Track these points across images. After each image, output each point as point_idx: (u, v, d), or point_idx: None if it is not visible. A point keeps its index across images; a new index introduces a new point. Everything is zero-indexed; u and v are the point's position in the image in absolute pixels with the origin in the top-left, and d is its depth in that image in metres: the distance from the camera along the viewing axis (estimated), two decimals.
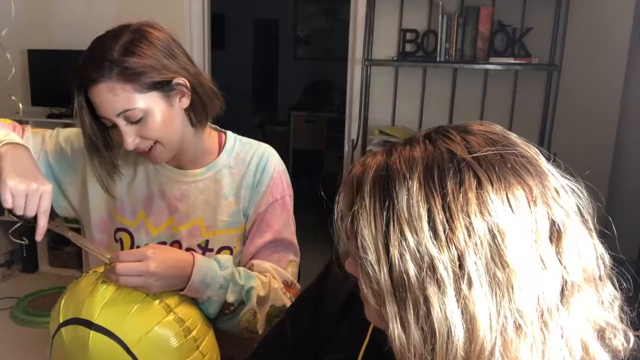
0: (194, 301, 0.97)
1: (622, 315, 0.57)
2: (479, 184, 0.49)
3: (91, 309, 0.87)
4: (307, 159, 5.62)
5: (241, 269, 1.05)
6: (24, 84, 3.45)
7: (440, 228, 0.48)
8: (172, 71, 1.02)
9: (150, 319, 0.88)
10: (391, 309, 0.50)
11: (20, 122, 1.19)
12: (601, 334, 0.54)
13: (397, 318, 0.50)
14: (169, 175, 1.14)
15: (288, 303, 1.07)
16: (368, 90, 2.94)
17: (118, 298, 0.89)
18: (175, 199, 1.13)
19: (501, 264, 0.47)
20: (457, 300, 0.48)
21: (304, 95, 6.03)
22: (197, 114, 1.08)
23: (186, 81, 1.03)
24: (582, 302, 0.51)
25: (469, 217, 0.48)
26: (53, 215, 1.01)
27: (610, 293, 0.56)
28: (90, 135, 1.05)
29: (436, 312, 0.48)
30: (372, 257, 0.51)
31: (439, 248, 0.48)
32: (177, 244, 1.13)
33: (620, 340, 0.55)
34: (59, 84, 3.47)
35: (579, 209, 0.55)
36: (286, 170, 1.20)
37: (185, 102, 1.05)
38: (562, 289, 0.50)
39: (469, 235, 0.48)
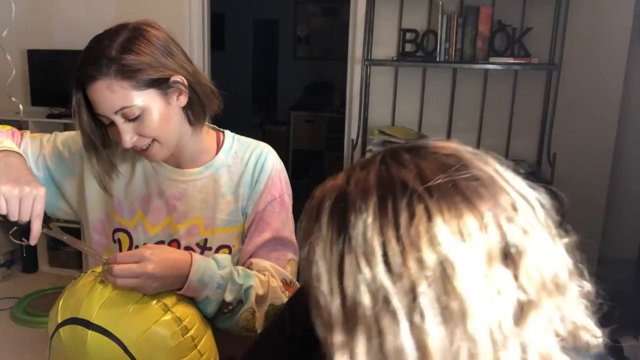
0: (192, 300, 0.97)
1: (592, 313, 0.58)
2: (430, 217, 0.50)
3: (89, 309, 0.88)
4: (307, 159, 5.62)
5: (240, 268, 1.05)
6: (24, 84, 3.45)
7: (393, 261, 0.49)
8: (170, 69, 1.02)
9: (147, 318, 0.89)
10: (339, 339, 0.51)
11: (20, 122, 1.20)
12: (574, 335, 0.55)
13: (346, 349, 0.51)
14: (168, 174, 1.14)
15: None
16: (368, 90, 2.94)
17: (116, 298, 0.89)
18: (173, 198, 1.13)
19: (453, 294, 0.48)
20: (411, 331, 0.49)
21: (304, 95, 6.03)
22: (194, 112, 1.08)
23: (184, 79, 1.03)
24: (541, 316, 0.51)
25: (420, 250, 0.49)
26: (47, 219, 1.01)
27: (580, 294, 0.57)
28: (88, 133, 1.05)
29: (389, 343, 0.49)
30: (325, 287, 0.52)
31: (392, 281, 0.49)
32: (175, 242, 1.13)
33: (594, 337, 0.57)
34: (59, 84, 3.45)
35: (543, 216, 0.55)
36: (284, 169, 1.20)
37: (183, 100, 1.05)
38: (518, 309, 0.51)
39: (421, 268, 0.49)
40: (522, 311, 0.50)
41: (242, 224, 1.15)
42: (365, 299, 0.50)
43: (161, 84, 1.01)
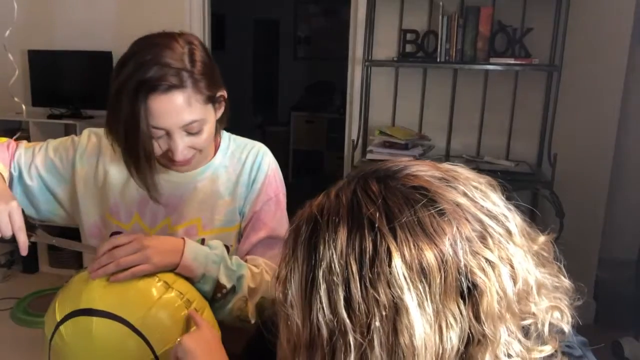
0: (190, 281, 0.99)
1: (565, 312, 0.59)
2: (390, 259, 0.52)
3: (90, 297, 0.88)
4: (307, 159, 5.62)
5: (234, 257, 1.06)
6: (25, 85, 3.45)
7: (354, 298, 0.53)
8: (221, 83, 1.05)
9: (150, 295, 0.90)
10: None
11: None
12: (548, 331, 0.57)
13: None
14: (166, 177, 1.14)
15: None
16: (368, 91, 2.94)
17: (115, 283, 0.90)
18: (172, 200, 1.13)
19: (402, 332, 0.51)
20: None
21: (304, 95, 6.03)
22: (221, 123, 1.11)
23: (225, 94, 1.07)
24: (494, 348, 0.53)
25: (377, 291, 0.52)
26: (32, 228, 1.02)
27: (561, 291, 0.60)
28: (144, 144, 0.98)
29: None
30: (296, 313, 0.57)
31: (350, 316, 0.53)
32: None
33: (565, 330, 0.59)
34: (60, 84, 3.47)
35: (517, 230, 0.58)
36: (279, 168, 1.21)
37: (219, 113, 1.08)
38: (472, 343, 0.53)
39: (377, 307, 0.52)
40: (474, 345, 0.53)
41: (239, 224, 1.16)
42: (325, 330, 0.54)
43: (216, 99, 1.04)
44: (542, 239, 0.63)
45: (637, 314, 2.76)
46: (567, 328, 0.59)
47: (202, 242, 1.13)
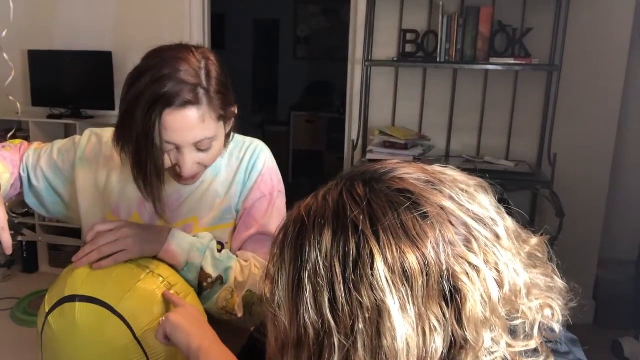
0: (175, 269, 1.01)
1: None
2: (373, 262, 0.53)
3: (74, 284, 0.91)
4: (307, 159, 5.62)
5: (224, 250, 1.07)
6: (24, 85, 3.45)
7: (338, 300, 0.54)
8: (233, 100, 1.03)
9: (131, 278, 0.92)
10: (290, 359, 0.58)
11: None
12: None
13: None
14: (166, 178, 1.14)
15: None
16: (368, 91, 2.95)
17: (99, 270, 0.93)
18: (171, 199, 1.14)
19: (385, 335, 0.52)
20: None
21: (304, 95, 6.03)
22: (228, 136, 1.10)
23: (237, 110, 1.06)
24: (477, 352, 0.53)
25: (360, 293, 0.53)
26: (18, 227, 1.03)
27: (555, 291, 0.60)
28: (156, 158, 0.97)
29: None
30: (284, 314, 0.58)
31: (334, 317, 0.54)
32: None
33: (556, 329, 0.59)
34: (59, 84, 3.47)
35: (505, 233, 0.58)
36: (276, 167, 1.21)
37: (229, 127, 1.07)
38: (454, 346, 0.54)
39: (360, 309, 0.53)
40: (457, 349, 0.53)
41: (234, 221, 1.16)
42: (311, 330, 0.55)
43: (228, 116, 1.03)
44: (534, 240, 0.63)
45: (637, 314, 2.76)
46: (557, 327, 0.59)
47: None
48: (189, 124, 0.95)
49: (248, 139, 1.21)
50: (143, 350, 0.88)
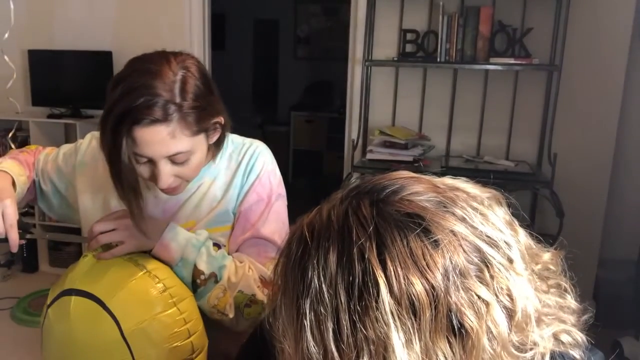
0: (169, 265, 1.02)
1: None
2: (378, 293, 0.51)
3: (73, 278, 0.92)
4: (307, 159, 5.62)
5: (220, 250, 1.07)
6: (25, 84, 3.45)
7: (343, 330, 0.51)
8: (216, 111, 1.02)
9: (125, 276, 0.93)
10: None
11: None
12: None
13: None
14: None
15: (261, 296, 1.06)
16: (368, 91, 2.94)
17: (98, 265, 0.95)
18: (170, 204, 1.14)
19: None
20: None
21: (304, 95, 6.03)
22: (217, 147, 1.09)
23: (222, 119, 1.04)
24: None
25: (365, 325, 0.51)
26: (26, 226, 1.03)
27: (568, 311, 0.58)
28: (126, 174, 0.97)
29: None
30: (289, 341, 0.56)
31: (337, 348, 0.51)
32: None
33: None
34: (60, 84, 3.47)
35: (519, 255, 0.55)
36: (276, 169, 1.19)
37: (215, 137, 1.06)
38: None
39: (365, 341, 0.50)
40: None
41: (231, 224, 1.16)
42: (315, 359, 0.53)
43: (209, 128, 1.02)
44: (547, 256, 0.60)
45: (637, 314, 2.76)
46: (578, 353, 0.57)
47: None
48: (157, 139, 0.94)
49: (248, 141, 1.20)
50: (129, 350, 0.88)
